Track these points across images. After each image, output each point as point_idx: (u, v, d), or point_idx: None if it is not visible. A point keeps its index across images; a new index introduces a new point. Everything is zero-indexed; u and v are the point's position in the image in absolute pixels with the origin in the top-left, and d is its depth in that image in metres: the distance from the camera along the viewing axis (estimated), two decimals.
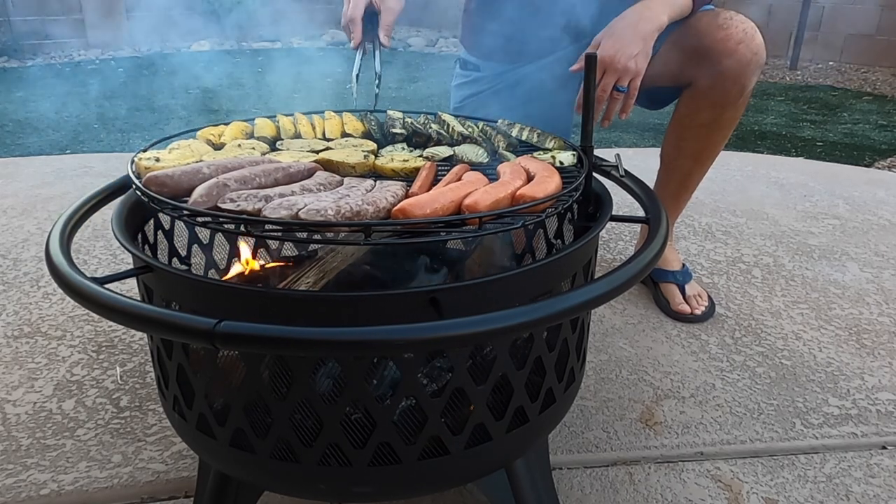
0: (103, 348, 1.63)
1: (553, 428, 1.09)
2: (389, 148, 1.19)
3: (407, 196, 0.93)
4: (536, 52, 1.68)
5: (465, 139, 1.19)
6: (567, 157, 1.11)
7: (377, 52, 1.44)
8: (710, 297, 1.82)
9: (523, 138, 1.24)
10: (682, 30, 1.50)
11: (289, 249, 1.36)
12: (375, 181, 1.01)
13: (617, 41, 1.37)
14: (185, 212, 0.87)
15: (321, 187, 0.96)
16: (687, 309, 1.76)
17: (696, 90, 1.55)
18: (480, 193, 0.88)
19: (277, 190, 0.90)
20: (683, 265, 1.85)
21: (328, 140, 1.23)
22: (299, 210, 0.82)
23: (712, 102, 1.54)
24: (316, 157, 1.10)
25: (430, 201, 0.86)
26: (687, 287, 1.79)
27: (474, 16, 1.78)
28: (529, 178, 0.98)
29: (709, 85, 1.52)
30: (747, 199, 2.63)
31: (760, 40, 1.48)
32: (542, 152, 1.16)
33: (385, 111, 1.32)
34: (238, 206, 0.85)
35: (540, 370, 0.94)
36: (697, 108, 1.57)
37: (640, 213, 1.05)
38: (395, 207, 0.86)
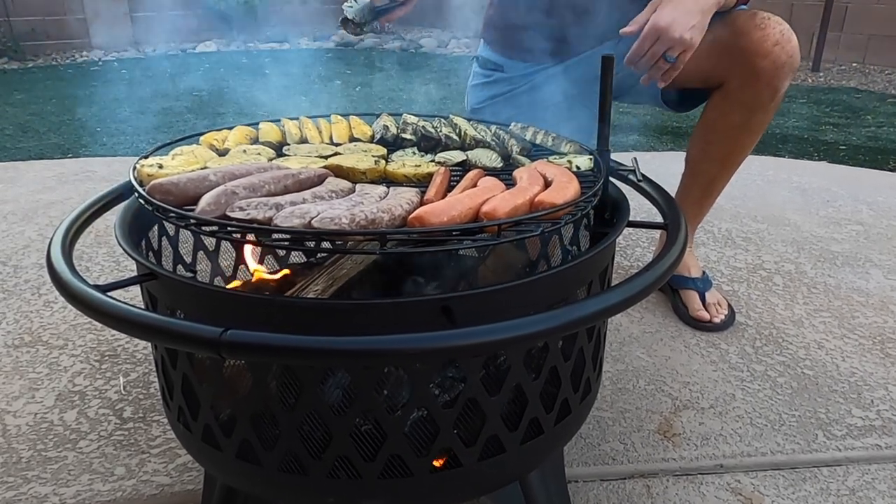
0: (106, 358, 1.61)
1: (569, 440, 1.07)
2: (399, 153, 1.17)
3: (422, 203, 0.91)
4: (568, 50, 1.62)
5: (478, 143, 1.17)
6: (583, 162, 1.09)
7: None
8: (730, 306, 1.79)
9: (537, 142, 1.22)
10: (718, 28, 1.46)
11: (297, 257, 1.34)
12: (388, 187, 0.99)
13: (676, 9, 1.32)
14: (193, 221, 0.85)
15: (333, 194, 0.94)
16: (706, 315, 1.73)
17: (728, 91, 1.53)
18: (498, 200, 0.87)
19: (288, 198, 0.89)
20: (703, 272, 1.81)
21: (336, 145, 1.21)
22: (312, 218, 0.81)
23: (743, 104, 1.52)
24: (325, 162, 1.08)
25: (447, 208, 0.85)
26: (707, 294, 1.76)
27: (501, 10, 1.72)
28: (547, 184, 0.96)
29: (741, 86, 1.50)
30: (768, 204, 2.60)
31: (796, 43, 1.46)
32: (557, 156, 1.14)
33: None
34: (248, 214, 0.83)
35: (555, 380, 0.92)
36: (728, 110, 1.55)
37: (658, 218, 1.03)
38: (412, 215, 0.84)
